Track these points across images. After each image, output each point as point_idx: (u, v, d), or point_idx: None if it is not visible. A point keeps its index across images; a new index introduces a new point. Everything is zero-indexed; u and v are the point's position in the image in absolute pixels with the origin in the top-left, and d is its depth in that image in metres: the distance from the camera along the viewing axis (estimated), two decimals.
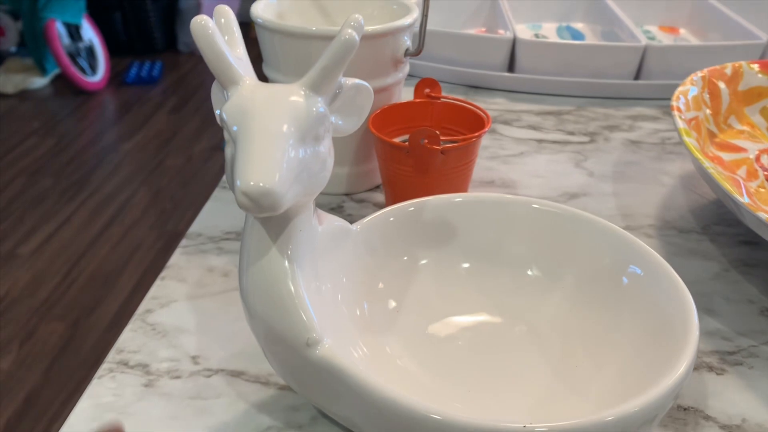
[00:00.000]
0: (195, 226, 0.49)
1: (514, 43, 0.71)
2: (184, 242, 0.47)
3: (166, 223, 1.87)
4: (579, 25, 0.87)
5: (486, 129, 0.46)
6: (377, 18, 0.52)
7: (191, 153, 2.24)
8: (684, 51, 0.71)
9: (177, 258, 0.45)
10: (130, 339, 0.39)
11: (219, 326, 0.40)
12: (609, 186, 0.55)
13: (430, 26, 0.50)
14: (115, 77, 2.75)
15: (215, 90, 0.31)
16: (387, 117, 0.50)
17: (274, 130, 0.26)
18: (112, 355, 0.38)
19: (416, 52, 0.48)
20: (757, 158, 0.54)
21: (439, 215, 0.38)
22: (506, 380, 0.33)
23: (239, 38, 0.30)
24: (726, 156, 0.53)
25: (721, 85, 0.57)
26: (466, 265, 0.38)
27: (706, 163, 0.43)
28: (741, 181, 0.50)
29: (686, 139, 0.46)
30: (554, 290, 0.36)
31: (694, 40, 0.84)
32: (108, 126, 2.45)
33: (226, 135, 0.27)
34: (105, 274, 1.67)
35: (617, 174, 0.57)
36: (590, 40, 0.83)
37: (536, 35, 0.84)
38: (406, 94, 0.53)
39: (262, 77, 0.49)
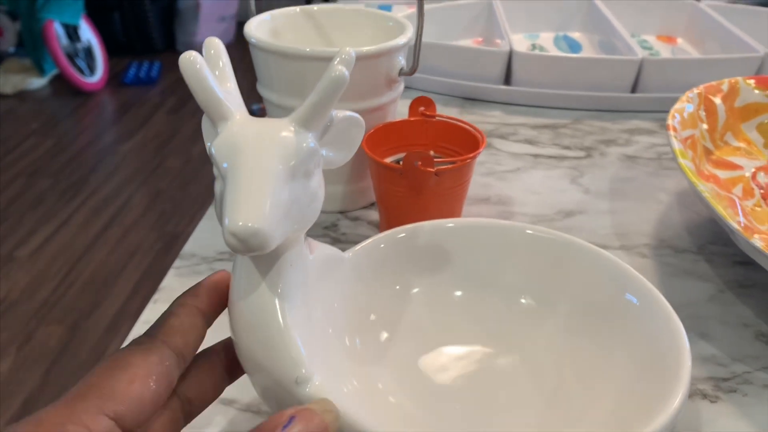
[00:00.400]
0: (189, 246, 0.48)
1: (510, 55, 0.71)
2: (177, 263, 0.47)
3: (165, 225, 1.87)
4: (576, 35, 0.86)
5: (480, 150, 0.46)
6: (372, 35, 0.52)
7: (190, 154, 2.24)
8: (681, 64, 0.70)
9: (170, 280, 0.45)
10: None
11: None
12: (605, 203, 0.55)
13: (424, 38, 0.50)
14: (114, 78, 2.75)
15: (206, 122, 0.30)
16: (381, 136, 0.49)
17: (264, 168, 0.26)
18: None
19: (410, 71, 0.48)
20: (753, 176, 0.53)
21: (431, 241, 0.37)
22: (500, 413, 0.33)
23: (229, 71, 0.29)
24: (722, 174, 0.53)
25: (717, 101, 0.56)
26: (458, 293, 0.37)
27: (701, 187, 0.43)
28: (737, 201, 0.49)
29: (681, 161, 0.46)
30: (548, 319, 0.36)
31: (691, 50, 0.83)
32: (107, 127, 2.45)
33: (215, 171, 0.27)
34: (104, 276, 1.67)
35: (613, 191, 0.57)
36: (587, 50, 0.83)
37: (533, 45, 0.84)
38: (400, 108, 0.52)
39: (256, 95, 0.49)
